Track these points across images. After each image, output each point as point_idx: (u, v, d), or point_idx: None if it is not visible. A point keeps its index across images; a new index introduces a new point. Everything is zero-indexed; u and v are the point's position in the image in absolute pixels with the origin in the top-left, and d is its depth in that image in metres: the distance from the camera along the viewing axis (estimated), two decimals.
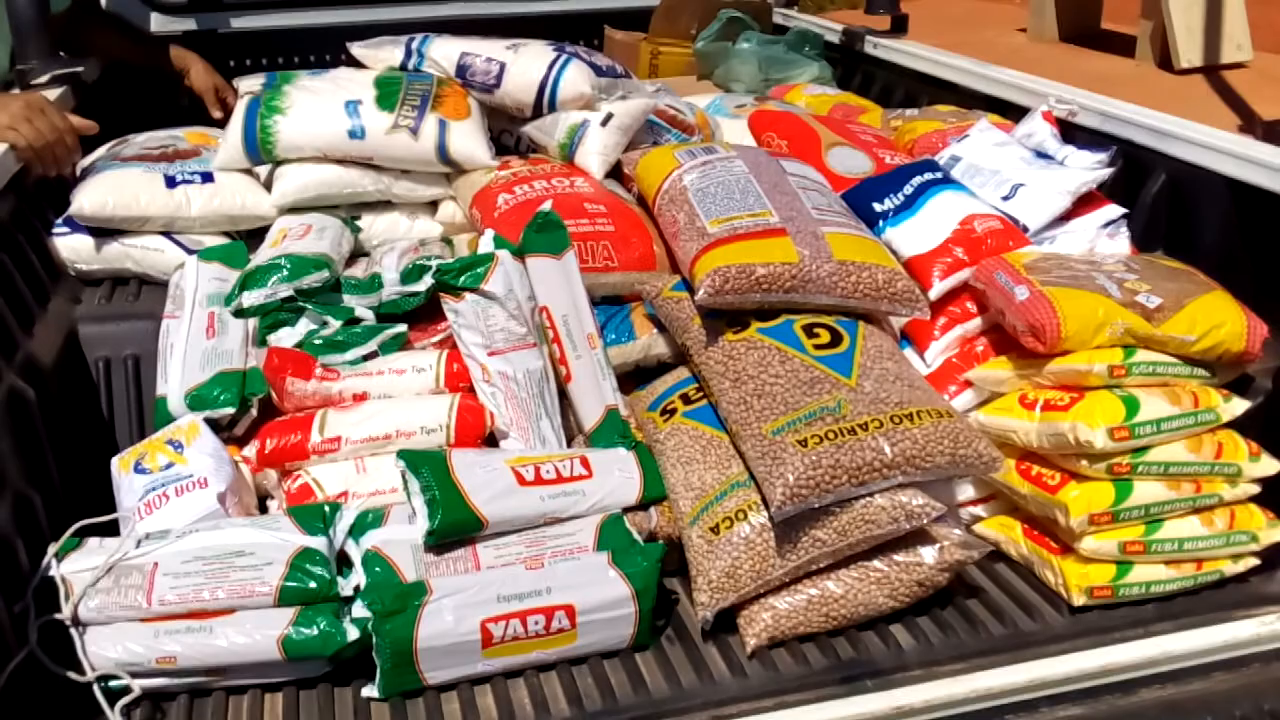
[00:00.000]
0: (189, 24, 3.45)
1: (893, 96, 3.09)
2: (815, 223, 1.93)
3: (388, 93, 2.33)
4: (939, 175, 2.20)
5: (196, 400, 1.92)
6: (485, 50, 2.43)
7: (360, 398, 1.92)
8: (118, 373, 2.15)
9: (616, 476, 1.85)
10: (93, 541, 1.71)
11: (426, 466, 1.73)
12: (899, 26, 3.26)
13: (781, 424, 1.72)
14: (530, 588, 1.65)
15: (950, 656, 1.73)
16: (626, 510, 1.83)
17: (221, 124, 2.85)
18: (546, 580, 1.67)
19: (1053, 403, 1.83)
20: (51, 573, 1.64)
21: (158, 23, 3.45)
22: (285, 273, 2.00)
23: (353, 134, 2.29)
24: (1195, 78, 7.56)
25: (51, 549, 1.67)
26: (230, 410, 1.91)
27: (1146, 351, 1.84)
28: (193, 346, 2.00)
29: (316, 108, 2.31)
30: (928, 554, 1.77)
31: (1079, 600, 1.80)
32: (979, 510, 1.99)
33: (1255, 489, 1.84)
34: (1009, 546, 1.93)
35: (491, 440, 1.92)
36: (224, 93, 2.98)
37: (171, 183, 2.30)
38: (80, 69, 2.78)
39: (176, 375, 1.97)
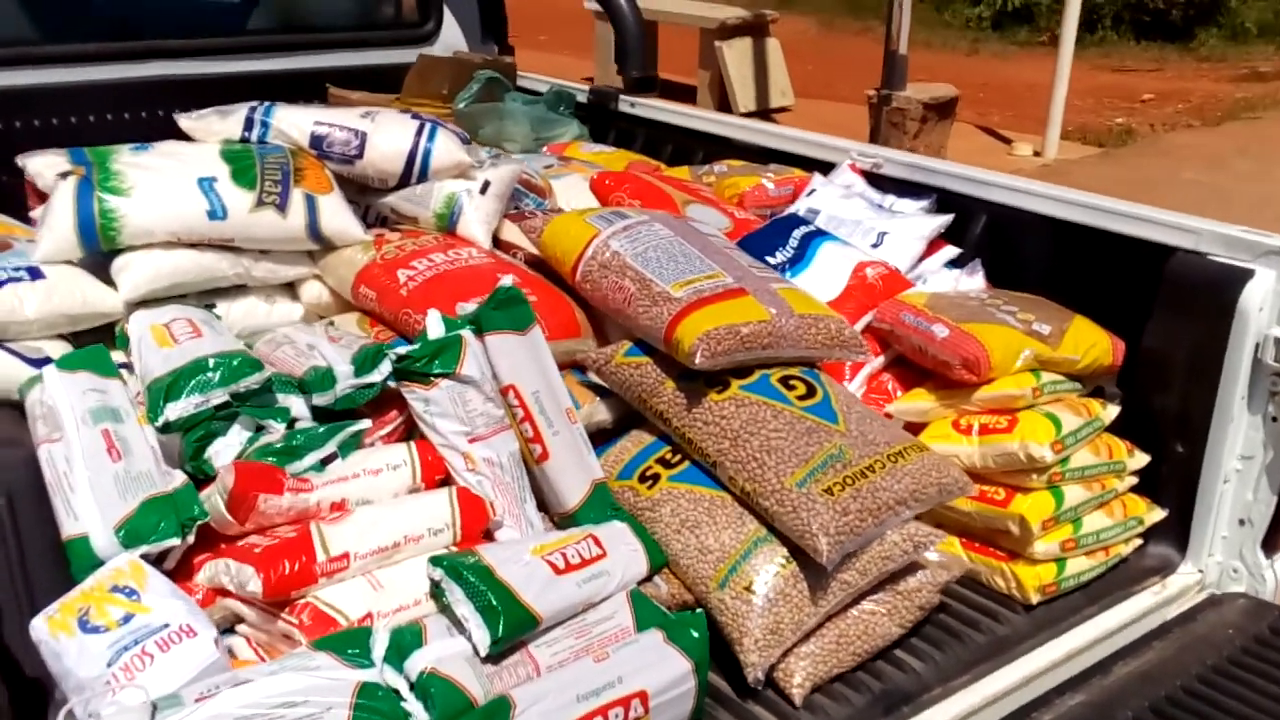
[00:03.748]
0: None
1: (661, 152, 3.22)
2: (762, 280, 2.00)
3: (242, 168, 2.08)
4: (813, 227, 2.36)
5: (132, 535, 1.61)
6: (340, 120, 2.24)
7: (338, 506, 1.70)
8: None
9: (625, 551, 1.80)
10: None
11: (469, 572, 1.59)
12: (648, 85, 3.40)
13: (801, 475, 1.77)
14: (604, 681, 1.58)
15: (957, 670, 1.87)
16: (640, 583, 1.79)
17: None
18: (616, 670, 1.60)
19: (990, 426, 2.04)
20: None
21: None
22: (216, 376, 1.73)
23: (213, 214, 2.02)
24: (754, 120, 8.61)
25: None
26: (175, 541, 1.62)
27: (1048, 373, 2.10)
28: (98, 473, 1.66)
29: (166, 187, 2.01)
30: (922, 578, 1.90)
31: (1035, 599, 2.01)
32: None
33: (1134, 480, 2.17)
34: None
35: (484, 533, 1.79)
36: None
37: None
38: None
39: (91, 509, 1.63)
